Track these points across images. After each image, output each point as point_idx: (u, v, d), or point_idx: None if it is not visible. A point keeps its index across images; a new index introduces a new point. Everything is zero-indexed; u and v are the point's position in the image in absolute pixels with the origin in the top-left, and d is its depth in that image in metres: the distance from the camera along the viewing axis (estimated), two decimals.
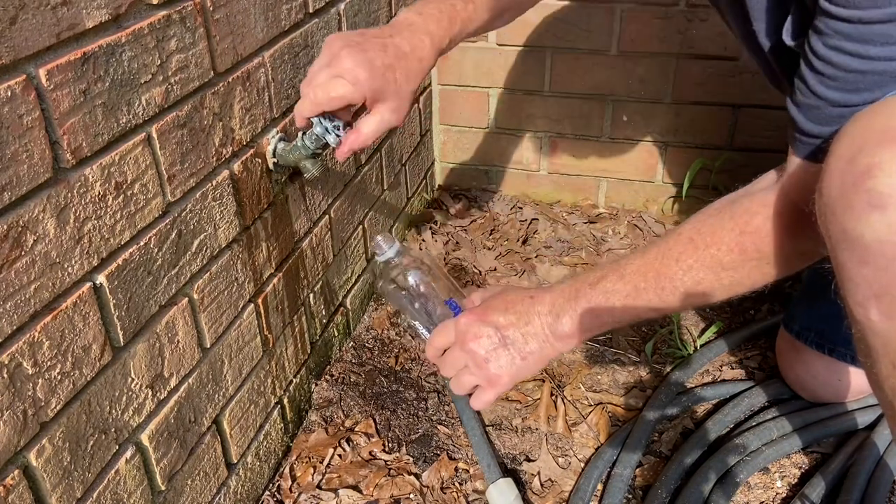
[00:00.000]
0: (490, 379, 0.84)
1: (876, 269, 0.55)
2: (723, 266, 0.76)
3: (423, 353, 0.90)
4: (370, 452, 1.10)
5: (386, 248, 0.89)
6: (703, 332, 1.31)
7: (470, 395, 0.86)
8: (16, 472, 0.61)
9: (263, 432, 1.03)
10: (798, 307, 1.13)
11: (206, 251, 0.85)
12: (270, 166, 0.96)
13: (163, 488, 0.82)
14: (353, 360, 1.28)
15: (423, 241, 1.57)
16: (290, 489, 1.05)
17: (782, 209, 0.73)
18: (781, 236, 0.73)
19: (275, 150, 0.95)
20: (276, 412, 1.07)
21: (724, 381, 1.21)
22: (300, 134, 0.92)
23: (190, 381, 0.85)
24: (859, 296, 0.58)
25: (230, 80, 0.85)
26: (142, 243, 0.74)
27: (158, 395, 0.79)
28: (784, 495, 1.02)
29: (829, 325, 1.06)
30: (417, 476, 1.06)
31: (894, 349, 0.57)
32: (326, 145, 0.91)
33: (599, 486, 1.03)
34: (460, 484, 1.05)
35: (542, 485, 1.05)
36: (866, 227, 0.55)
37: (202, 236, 0.84)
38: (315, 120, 0.90)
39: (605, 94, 1.57)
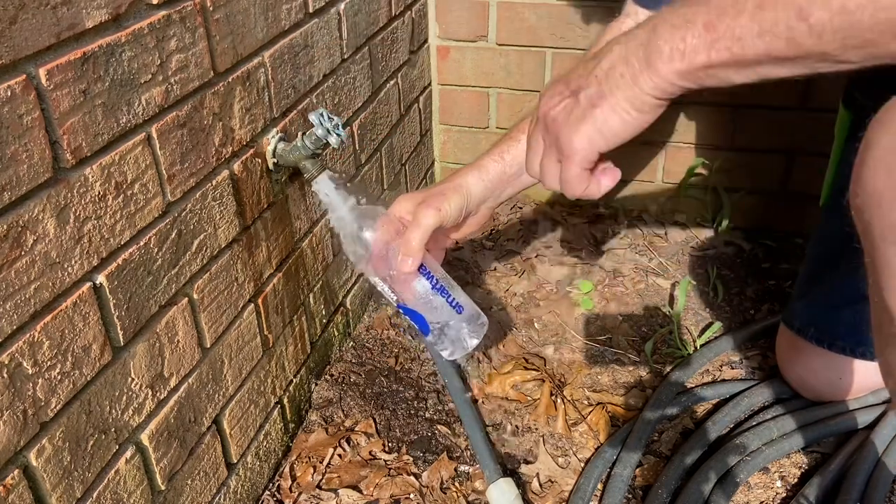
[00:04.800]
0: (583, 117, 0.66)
1: None
2: None
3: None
4: (370, 452, 1.10)
5: (339, 202, 0.90)
6: (703, 332, 1.31)
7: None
8: (16, 471, 0.61)
9: (263, 432, 1.03)
10: (798, 302, 1.13)
11: (206, 251, 0.85)
12: (270, 166, 0.96)
13: (163, 488, 0.82)
14: (353, 360, 1.28)
15: None
16: (290, 489, 1.05)
17: None
18: None
19: (275, 150, 0.95)
20: (276, 412, 1.07)
21: (724, 380, 1.21)
22: (300, 134, 0.92)
23: (190, 380, 0.85)
24: None
25: (230, 80, 0.85)
26: (142, 243, 0.74)
27: (158, 394, 0.79)
28: (784, 495, 1.02)
29: (828, 320, 1.07)
30: (417, 476, 1.06)
31: None
32: (326, 145, 0.91)
33: (599, 486, 1.03)
34: (460, 484, 1.05)
35: (541, 485, 1.05)
36: None
37: (202, 236, 0.84)
38: (316, 120, 0.90)
39: None
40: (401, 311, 0.91)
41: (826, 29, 0.51)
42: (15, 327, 0.60)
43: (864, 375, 1.09)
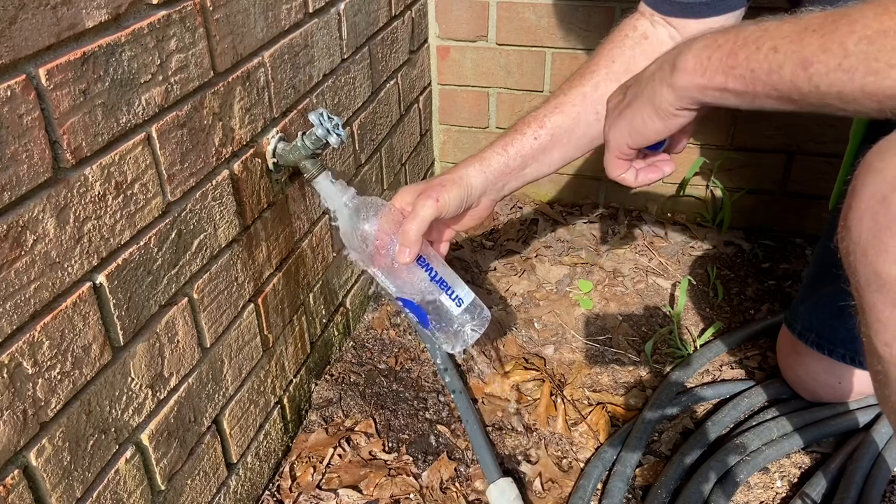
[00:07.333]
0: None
1: None
2: None
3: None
4: (370, 452, 1.10)
5: (337, 196, 0.90)
6: (702, 332, 1.31)
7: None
8: (16, 471, 0.61)
9: (263, 432, 1.03)
10: (801, 306, 1.13)
11: (205, 251, 0.85)
12: (270, 166, 0.96)
13: (163, 488, 0.82)
14: (353, 360, 1.28)
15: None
16: (290, 489, 1.05)
17: None
18: None
19: (275, 150, 0.95)
20: (275, 412, 1.07)
21: (724, 380, 1.21)
22: (300, 134, 0.92)
23: (190, 380, 0.85)
24: (888, 336, 0.57)
25: (230, 79, 0.85)
26: (142, 243, 0.74)
27: (158, 394, 0.79)
28: (784, 495, 1.02)
29: (829, 326, 1.06)
30: (417, 476, 1.06)
31: None
32: (326, 145, 0.91)
33: (599, 486, 1.03)
34: (460, 484, 1.05)
35: (542, 485, 1.05)
36: None
37: (202, 236, 0.84)
38: (316, 120, 0.90)
39: None
40: (400, 303, 0.91)
41: (823, 81, 0.56)
42: (15, 327, 0.60)
43: (864, 381, 1.08)
